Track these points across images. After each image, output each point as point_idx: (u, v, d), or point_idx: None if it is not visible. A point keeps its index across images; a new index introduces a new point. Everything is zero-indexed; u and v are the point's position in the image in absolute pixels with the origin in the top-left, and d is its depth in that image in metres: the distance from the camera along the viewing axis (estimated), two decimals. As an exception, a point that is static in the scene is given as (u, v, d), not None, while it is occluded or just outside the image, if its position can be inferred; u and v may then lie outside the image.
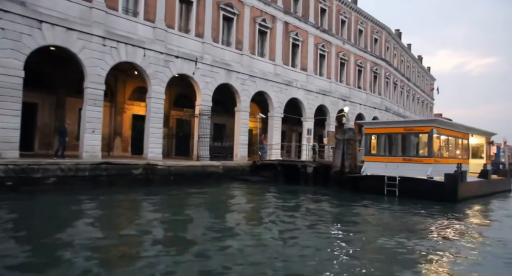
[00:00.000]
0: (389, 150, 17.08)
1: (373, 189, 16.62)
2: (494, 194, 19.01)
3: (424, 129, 15.80)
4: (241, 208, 12.73)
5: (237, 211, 12.06)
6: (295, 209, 12.47)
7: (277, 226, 9.47)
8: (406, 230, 9.68)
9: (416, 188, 15.47)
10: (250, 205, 13.53)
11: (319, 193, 17.70)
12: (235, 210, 12.19)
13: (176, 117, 24.01)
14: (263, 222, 10.06)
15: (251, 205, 13.57)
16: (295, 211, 12.11)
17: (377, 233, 9.41)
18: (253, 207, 13.15)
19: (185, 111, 24.31)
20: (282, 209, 12.46)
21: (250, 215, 11.58)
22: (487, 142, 21.93)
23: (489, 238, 9.17)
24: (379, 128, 17.25)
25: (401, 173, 16.04)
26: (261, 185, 19.74)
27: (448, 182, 14.78)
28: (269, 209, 12.45)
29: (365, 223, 10.81)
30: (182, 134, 23.52)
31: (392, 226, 10.49)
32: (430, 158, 15.62)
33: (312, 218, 10.91)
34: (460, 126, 18.23)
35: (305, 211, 12.40)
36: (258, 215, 11.53)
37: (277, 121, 25.49)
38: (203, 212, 11.84)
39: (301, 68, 27.96)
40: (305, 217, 11.22)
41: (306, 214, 11.69)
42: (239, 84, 22.65)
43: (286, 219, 10.47)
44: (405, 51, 46.74)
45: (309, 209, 12.71)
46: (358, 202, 14.70)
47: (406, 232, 9.44)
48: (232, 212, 11.93)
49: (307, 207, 13.16)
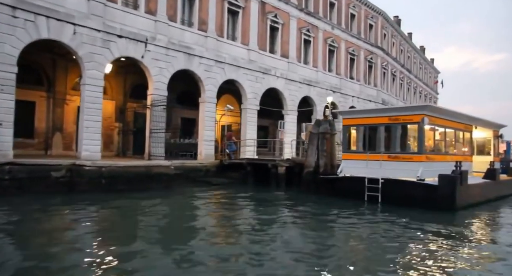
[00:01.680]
0: (371, 146, 13.82)
1: (352, 194, 13.48)
2: (503, 198, 15.67)
3: (413, 118, 12.54)
4: (153, 227, 9.57)
5: (143, 232, 8.91)
6: (234, 225, 9.31)
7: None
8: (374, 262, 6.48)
9: (404, 193, 12.28)
10: (165, 221, 10.36)
11: (287, 199, 14.53)
12: (143, 229, 9.05)
13: (133, 110, 20.94)
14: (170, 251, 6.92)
15: (167, 221, 10.40)
16: (232, 227, 8.95)
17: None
18: (167, 226, 9.98)
19: (144, 103, 21.19)
20: (213, 229, 9.31)
21: (152, 241, 8.43)
22: (495, 135, 18.54)
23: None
24: (358, 118, 14.00)
25: (385, 174, 12.84)
26: (224, 189, 16.64)
27: (443, 186, 11.52)
28: (193, 231, 9.30)
29: (328, 251, 7.59)
30: (136, 129, 20.42)
31: (360, 258, 7.26)
32: (421, 155, 12.36)
33: (250, 247, 7.74)
34: (460, 116, 14.89)
35: (245, 230, 9.23)
36: (164, 242, 8.39)
37: (251, 115, 22.30)
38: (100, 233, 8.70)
39: (282, 55, 24.72)
40: (240, 239, 8.08)
41: (244, 238, 8.53)
42: (202, 70, 19.50)
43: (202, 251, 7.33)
44: (405, 40, 43.20)
45: (253, 227, 9.52)
46: (328, 212, 11.52)
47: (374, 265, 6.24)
48: (137, 235, 8.78)
49: (252, 225, 9.93)
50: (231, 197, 14.84)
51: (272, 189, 17.01)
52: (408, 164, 12.52)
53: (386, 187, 12.63)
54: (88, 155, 14.74)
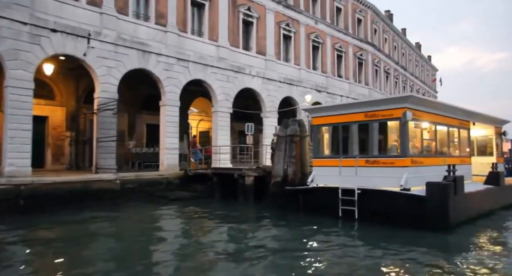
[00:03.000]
0: (345, 149, 11.40)
1: (324, 208, 11.07)
2: (511, 207, 13.16)
3: (394, 113, 10.12)
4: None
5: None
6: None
7: None
8: None
9: (385, 206, 9.83)
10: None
11: (247, 218, 12.13)
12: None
13: (87, 116, 18.65)
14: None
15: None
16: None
17: None
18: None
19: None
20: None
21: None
22: (497, 132, 16.06)
23: None
24: (329, 115, 11.59)
25: (363, 183, 10.42)
26: (182, 205, 14.29)
27: (431, 197, 9.08)
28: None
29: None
30: (88, 139, 18.11)
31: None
32: (405, 158, 9.93)
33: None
34: (454, 110, 12.47)
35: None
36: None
37: (223, 118, 19.96)
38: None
39: (258, 52, 22.44)
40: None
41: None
42: (161, 70, 17.22)
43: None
44: (399, 35, 40.90)
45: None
46: (287, 236, 9.11)
47: None
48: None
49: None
50: (183, 216, 12.45)
51: (239, 204, 14.62)
52: (390, 170, 10.09)
53: (363, 199, 10.20)
54: (13, 170, 12.39)
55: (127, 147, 20.17)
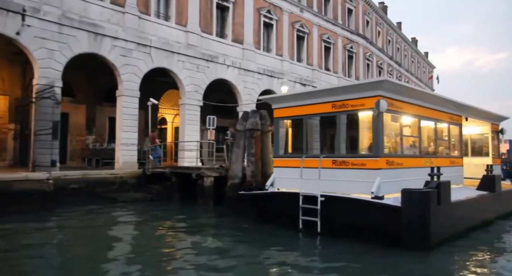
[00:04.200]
0: (310, 146, 9.48)
1: (284, 218, 9.17)
2: (508, 216, 11.29)
3: (366, 102, 8.18)
4: None
5: None
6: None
7: None
8: None
9: (353, 218, 7.95)
10: None
11: (200, 225, 10.22)
12: None
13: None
14: None
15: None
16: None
17: None
18: None
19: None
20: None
21: None
22: (494, 130, 14.18)
23: None
24: (292, 107, 9.63)
25: (328, 188, 8.52)
26: (134, 208, 12.50)
27: (408, 208, 7.17)
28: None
29: None
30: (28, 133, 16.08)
31: None
32: (378, 159, 8.00)
33: None
34: (443, 101, 10.55)
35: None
36: None
37: (191, 111, 18.00)
38: None
39: (234, 40, 20.47)
40: None
41: None
42: (117, 55, 15.24)
43: None
44: (393, 29, 38.94)
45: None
46: (236, 251, 7.20)
47: None
48: None
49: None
50: (122, 223, 10.51)
51: (196, 209, 12.71)
52: (360, 173, 8.17)
53: (328, 208, 8.29)
54: None
55: (85, 142, 18.23)
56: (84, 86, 18.20)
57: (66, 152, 17.55)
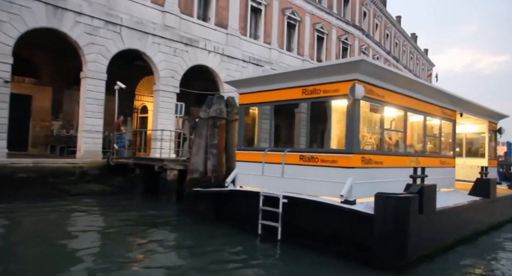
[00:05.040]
0: (276, 138, 8.15)
1: (243, 220, 7.89)
2: (503, 225, 10.04)
3: (340, 87, 6.82)
4: None
5: None
6: None
7: None
8: None
9: (319, 226, 6.67)
10: None
11: (153, 224, 8.91)
12: None
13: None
14: None
15: None
16: None
17: None
18: None
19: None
20: None
21: None
22: (491, 129, 12.89)
23: None
24: (260, 92, 8.28)
25: (293, 188, 7.22)
26: (89, 203, 11.21)
27: (382, 216, 5.86)
28: None
29: None
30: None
31: None
32: (351, 155, 6.66)
33: None
34: (435, 93, 9.21)
35: None
36: None
37: (166, 99, 16.58)
38: None
39: (217, 24, 19.02)
40: None
41: None
42: (81, 33, 13.80)
43: None
44: (392, 23, 37.46)
45: None
46: (181, 262, 5.88)
47: None
48: None
49: None
50: (64, 218, 9.19)
51: (157, 205, 11.41)
52: (330, 172, 6.86)
53: (290, 212, 6.99)
54: None
55: (50, 128, 16.84)
56: (50, 68, 16.77)
57: (28, 139, 16.18)
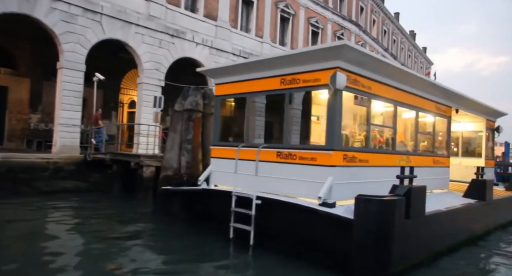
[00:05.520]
0: (251, 132, 7.44)
1: (215, 222, 7.20)
2: (501, 229, 9.37)
3: (321, 76, 6.11)
4: None
5: None
6: None
7: None
8: None
9: (295, 231, 5.99)
10: None
11: (119, 222, 8.22)
12: None
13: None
14: None
15: None
16: None
17: None
18: None
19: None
20: None
21: None
22: (489, 127, 12.22)
23: None
24: (236, 82, 7.54)
25: (268, 188, 6.53)
26: (63, 202, 10.42)
27: (362, 221, 5.17)
28: None
29: None
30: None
31: None
32: (331, 152, 5.95)
33: None
34: (428, 86, 8.51)
35: None
36: None
37: (150, 92, 15.82)
38: None
39: (207, 15, 18.27)
40: None
41: None
42: (57, 20, 13.05)
43: None
44: (390, 19, 36.73)
45: None
46: None
47: None
48: None
49: None
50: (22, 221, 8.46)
51: (133, 204, 10.72)
52: (309, 170, 6.16)
53: (265, 214, 6.29)
54: None
55: (28, 122, 16.08)
56: (28, 58, 15.99)
57: (3, 132, 15.43)
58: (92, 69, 13.97)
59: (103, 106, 18.82)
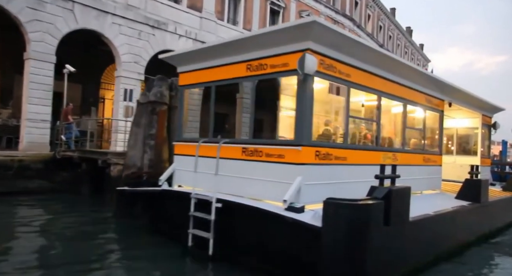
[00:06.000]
0: (216, 127, 6.59)
1: (175, 227, 6.38)
2: (497, 234, 8.57)
3: (289, 61, 5.26)
4: None
5: None
6: None
7: None
8: None
9: (259, 238, 5.15)
10: None
11: (75, 224, 7.38)
12: None
13: None
14: None
15: None
16: None
17: None
18: None
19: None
20: None
21: None
22: (485, 123, 11.43)
23: None
24: (201, 69, 6.69)
25: (232, 189, 5.72)
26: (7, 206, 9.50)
27: (331, 230, 4.33)
28: None
29: None
30: None
31: None
32: (299, 148, 5.11)
33: None
34: (417, 75, 7.66)
35: None
36: None
37: (129, 86, 14.89)
38: None
39: (190, 6, 17.40)
40: None
41: None
42: (23, 7, 12.17)
43: None
44: (386, 15, 35.89)
45: None
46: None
47: None
48: None
49: None
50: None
51: (99, 204, 9.90)
52: (276, 169, 5.34)
53: (226, 220, 5.45)
54: None
55: (0, 118, 15.18)
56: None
57: (-29, 128, 14.52)
58: (69, 62, 13.13)
59: (82, 101, 17.97)
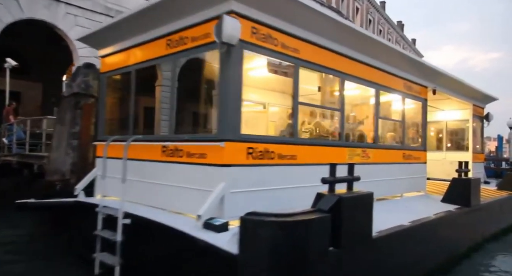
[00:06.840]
0: (134, 121, 5.31)
1: (86, 248, 5.00)
2: (491, 240, 7.31)
3: (210, 30, 3.96)
4: None
5: None
6: None
7: None
8: None
9: (171, 266, 3.80)
10: None
11: None
12: None
13: None
14: None
15: None
16: None
17: None
18: None
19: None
20: None
21: None
22: (476, 114, 10.20)
23: None
24: (121, 51, 5.40)
25: (151, 199, 4.42)
26: None
27: (250, 258, 3.02)
28: None
29: None
30: None
31: None
32: (222, 144, 3.81)
33: None
34: (391, 54, 6.37)
35: None
36: None
37: (86, 82, 13.66)
38: None
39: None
40: None
41: None
42: (-43, -5, 10.86)
43: None
44: (376, 8, 34.71)
45: None
46: None
47: None
48: None
49: None
50: None
51: (33, 216, 8.53)
52: (196, 173, 4.07)
53: (137, 241, 4.14)
54: None
55: None
56: None
57: None
58: (28, 59, 11.83)
59: (43, 101, 16.66)
